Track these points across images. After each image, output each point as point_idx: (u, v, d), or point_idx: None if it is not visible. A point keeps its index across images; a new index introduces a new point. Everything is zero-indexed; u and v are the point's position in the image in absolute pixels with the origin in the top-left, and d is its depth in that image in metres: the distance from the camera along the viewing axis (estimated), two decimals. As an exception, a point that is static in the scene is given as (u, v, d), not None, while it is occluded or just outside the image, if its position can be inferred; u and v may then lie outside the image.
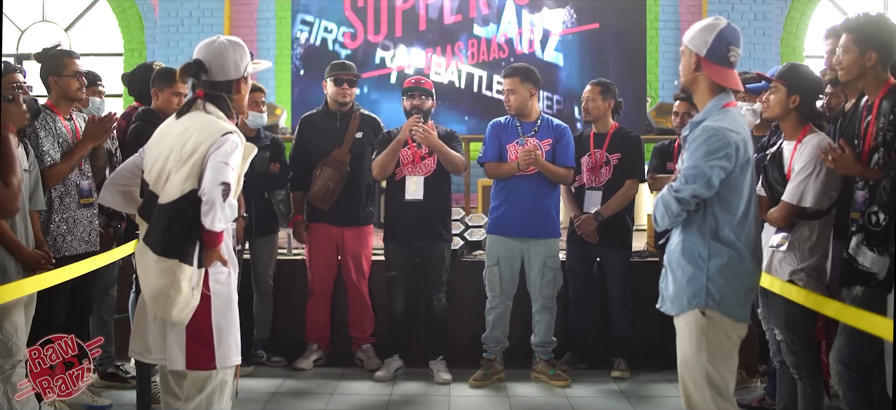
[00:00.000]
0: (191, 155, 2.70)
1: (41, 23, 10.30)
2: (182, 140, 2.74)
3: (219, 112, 2.81)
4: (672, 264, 2.83)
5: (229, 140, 2.71)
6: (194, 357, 2.78)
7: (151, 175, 2.81)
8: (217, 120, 2.79)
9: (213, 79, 2.82)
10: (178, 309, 2.70)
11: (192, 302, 2.72)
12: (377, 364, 4.93)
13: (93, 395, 4.16)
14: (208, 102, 2.82)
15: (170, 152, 2.76)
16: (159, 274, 2.68)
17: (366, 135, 4.98)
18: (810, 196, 3.24)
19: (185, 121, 2.81)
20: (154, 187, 2.79)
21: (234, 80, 2.84)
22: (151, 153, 2.87)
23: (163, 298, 2.68)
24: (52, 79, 3.93)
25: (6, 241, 3.42)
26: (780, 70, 3.43)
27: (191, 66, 2.80)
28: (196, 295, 2.73)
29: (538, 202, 4.66)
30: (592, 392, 4.57)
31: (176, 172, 2.71)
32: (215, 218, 2.64)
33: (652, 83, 9.30)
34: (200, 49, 2.83)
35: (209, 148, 2.68)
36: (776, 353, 3.60)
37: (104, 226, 4.24)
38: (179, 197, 2.68)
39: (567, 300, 4.98)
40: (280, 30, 9.54)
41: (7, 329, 3.37)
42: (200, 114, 2.81)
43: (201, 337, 2.77)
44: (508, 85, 4.71)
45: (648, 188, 4.98)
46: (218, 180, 2.63)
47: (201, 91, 2.84)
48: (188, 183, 2.68)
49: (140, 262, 2.80)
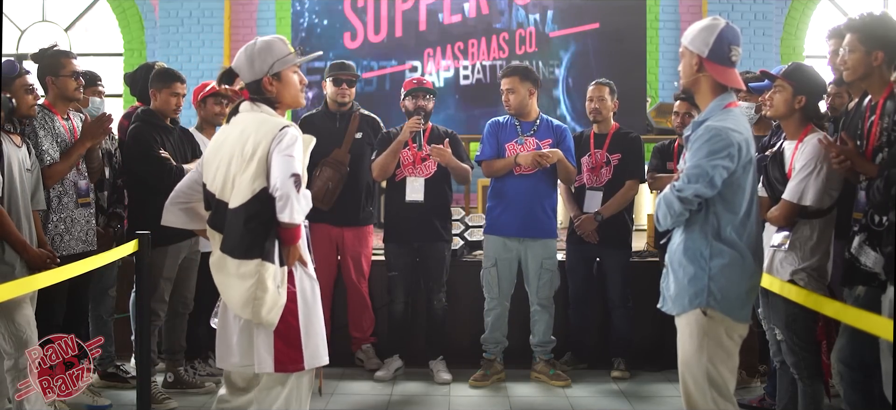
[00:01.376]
0: (253, 154, 2.72)
1: (41, 23, 10.30)
2: (241, 142, 2.76)
3: (267, 109, 2.86)
4: (674, 264, 2.83)
5: (288, 133, 2.74)
6: (282, 359, 2.77)
7: (216, 184, 2.83)
8: (269, 117, 2.83)
9: (245, 81, 2.89)
10: (267, 308, 2.70)
11: (280, 301, 2.73)
12: (377, 364, 4.93)
13: (93, 395, 4.16)
14: (255, 102, 2.87)
15: (231, 157, 2.78)
16: (242, 277, 2.69)
17: (365, 136, 4.98)
18: (811, 194, 3.24)
19: (238, 123, 2.84)
20: (221, 195, 2.80)
21: (259, 80, 2.87)
22: (211, 163, 2.87)
23: (250, 300, 2.69)
24: (50, 79, 3.94)
25: (13, 241, 3.44)
26: (787, 69, 3.42)
27: (224, 74, 2.94)
28: (282, 293, 2.74)
29: (535, 202, 4.65)
30: (592, 392, 4.57)
31: (241, 174, 2.72)
32: (293, 211, 2.64)
33: (652, 83, 9.30)
34: (236, 56, 2.94)
35: (270, 143, 2.71)
36: (776, 353, 3.60)
37: (104, 227, 4.25)
38: (251, 197, 2.70)
39: (567, 300, 4.98)
40: (280, 30, 9.53)
41: (20, 323, 3.41)
42: (252, 113, 2.85)
43: (289, 337, 2.76)
44: (507, 84, 4.71)
45: (648, 188, 4.98)
46: (288, 172, 2.65)
47: (246, 92, 2.90)
48: (257, 182, 2.70)
49: (219, 272, 2.82)
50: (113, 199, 4.39)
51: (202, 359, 4.67)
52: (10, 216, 3.47)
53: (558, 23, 8.70)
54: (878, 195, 2.98)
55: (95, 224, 4.14)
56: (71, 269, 3.45)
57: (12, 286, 3.05)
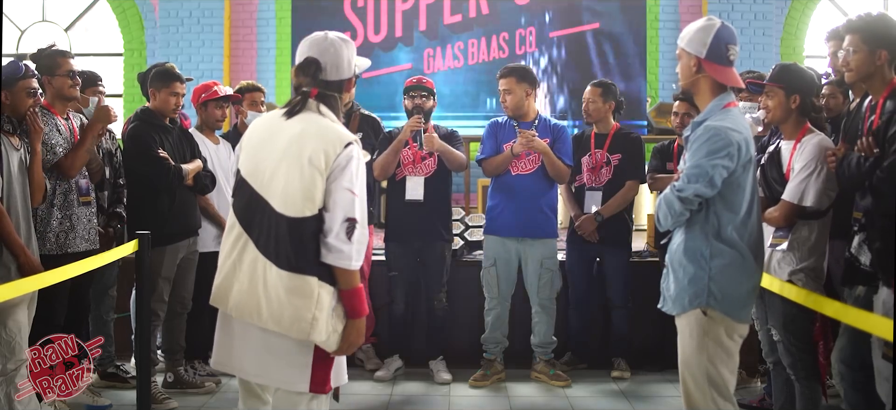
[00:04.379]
0: (310, 164, 2.46)
1: (41, 23, 10.30)
2: (299, 144, 2.49)
3: (332, 114, 2.60)
4: (674, 264, 2.83)
5: (353, 153, 2.49)
6: (318, 380, 2.53)
7: (258, 177, 2.53)
8: (333, 125, 2.56)
9: (327, 79, 2.59)
10: (321, 331, 2.45)
11: (339, 327, 2.50)
12: (377, 364, 4.93)
13: (93, 395, 4.16)
14: (321, 103, 2.58)
15: (283, 155, 2.50)
16: (292, 292, 2.44)
17: (366, 136, 4.97)
18: (811, 195, 3.24)
19: (298, 122, 2.55)
20: (262, 190, 2.52)
21: (346, 79, 2.65)
22: (255, 151, 2.58)
23: (300, 320, 2.43)
24: (47, 79, 3.94)
25: (10, 244, 3.43)
26: (773, 73, 3.42)
27: (309, 64, 2.57)
28: (339, 317, 2.51)
29: (535, 202, 4.65)
30: (592, 392, 4.57)
31: (295, 182, 2.47)
32: (342, 259, 2.43)
33: (652, 83, 9.30)
34: (312, 46, 2.60)
35: (333, 161, 2.46)
36: (769, 353, 3.61)
37: (104, 226, 4.25)
38: (301, 217, 2.46)
39: (567, 300, 4.97)
40: (280, 30, 9.54)
41: (11, 328, 3.39)
42: (315, 115, 2.56)
43: (325, 357, 2.53)
44: (505, 85, 4.70)
45: (648, 188, 4.98)
46: (342, 216, 2.43)
47: (315, 90, 2.57)
48: (308, 206, 2.45)
49: (253, 273, 2.49)
50: (113, 199, 4.39)
51: (202, 359, 4.67)
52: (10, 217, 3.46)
53: (558, 23, 8.70)
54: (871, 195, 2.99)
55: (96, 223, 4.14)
56: (73, 268, 3.45)
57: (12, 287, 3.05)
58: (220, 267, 2.59)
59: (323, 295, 2.45)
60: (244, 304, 2.50)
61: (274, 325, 2.47)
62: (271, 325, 2.47)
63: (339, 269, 2.46)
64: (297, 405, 2.57)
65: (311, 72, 2.56)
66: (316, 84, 2.57)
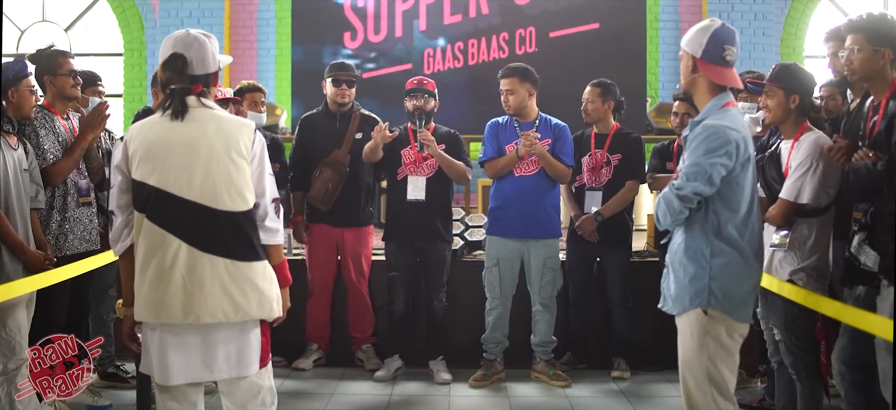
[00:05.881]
0: (237, 155, 2.55)
1: (41, 23, 10.30)
2: (210, 142, 2.54)
3: (216, 105, 2.68)
4: (674, 263, 2.83)
5: (260, 137, 2.67)
6: (264, 353, 2.68)
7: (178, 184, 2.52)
8: (228, 115, 2.71)
9: (193, 73, 2.61)
10: (279, 306, 2.67)
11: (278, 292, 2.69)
12: (377, 364, 4.93)
13: (93, 395, 4.16)
14: (201, 98, 2.63)
15: (198, 156, 2.53)
16: (256, 278, 2.58)
17: (366, 136, 4.97)
18: (808, 192, 3.24)
19: (195, 122, 2.57)
20: (190, 195, 2.52)
21: (212, 74, 2.67)
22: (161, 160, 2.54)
23: (269, 301, 2.61)
24: (47, 79, 3.94)
25: (10, 242, 3.44)
26: (773, 73, 3.42)
27: (175, 60, 2.59)
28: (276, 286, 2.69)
29: (538, 202, 4.65)
30: (592, 392, 4.57)
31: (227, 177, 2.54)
32: (277, 237, 2.69)
33: (652, 83, 9.30)
34: (176, 43, 2.61)
35: (251, 148, 2.60)
36: (773, 353, 3.61)
37: (103, 226, 4.24)
38: (246, 210, 2.58)
39: (567, 300, 4.97)
40: (280, 30, 9.54)
41: (10, 328, 3.40)
42: (204, 110, 2.60)
43: (266, 330, 2.70)
44: (507, 85, 4.70)
45: (648, 188, 4.98)
46: (270, 198, 2.66)
47: (199, 86, 2.62)
48: (248, 196, 2.58)
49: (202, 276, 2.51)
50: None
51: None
52: (7, 217, 3.46)
53: (558, 23, 8.69)
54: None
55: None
56: (73, 269, 3.45)
57: (12, 286, 3.05)
58: (146, 280, 2.54)
59: (273, 273, 2.66)
60: (203, 307, 2.51)
61: (242, 316, 2.55)
62: (239, 317, 2.55)
63: (272, 246, 2.67)
64: (261, 386, 2.69)
65: (179, 67, 2.60)
66: (183, 79, 2.60)
